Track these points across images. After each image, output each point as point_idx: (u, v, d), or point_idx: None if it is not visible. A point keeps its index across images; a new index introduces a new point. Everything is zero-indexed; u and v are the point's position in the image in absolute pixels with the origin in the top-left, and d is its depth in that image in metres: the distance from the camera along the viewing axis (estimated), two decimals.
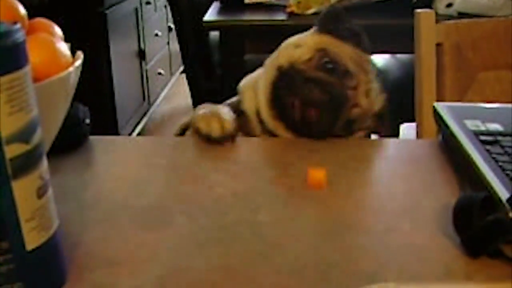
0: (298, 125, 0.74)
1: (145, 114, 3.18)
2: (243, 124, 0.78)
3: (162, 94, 3.59)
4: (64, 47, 0.57)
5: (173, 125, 3.31)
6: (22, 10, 0.56)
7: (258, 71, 0.83)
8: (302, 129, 0.74)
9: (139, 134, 3.03)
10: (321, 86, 0.72)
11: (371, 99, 0.76)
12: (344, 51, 0.76)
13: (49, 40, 0.56)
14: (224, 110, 0.75)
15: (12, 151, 0.40)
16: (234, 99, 0.84)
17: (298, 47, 0.77)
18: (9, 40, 0.39)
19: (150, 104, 3.27)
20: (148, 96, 3.23)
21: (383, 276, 0.47)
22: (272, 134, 0.77)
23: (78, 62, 0.57)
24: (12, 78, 0.39)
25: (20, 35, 0.40)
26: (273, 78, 0.76)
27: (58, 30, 0.62)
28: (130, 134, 2.87)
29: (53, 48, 0.55)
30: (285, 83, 0.74)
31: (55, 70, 0.53)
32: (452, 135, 0.68)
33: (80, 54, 0.59)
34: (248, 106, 0.79)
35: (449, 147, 0.71)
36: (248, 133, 0.79)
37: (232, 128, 0.73)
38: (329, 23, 0.79)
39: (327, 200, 0.60)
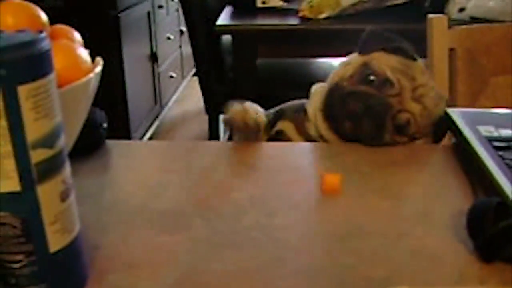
0: (346, 138, 0.78)
1: (157, 117, 3.19)
2: (302, 121, 0.83)
3: (174, 97, 3.61)
4: (84, 53, 0.58)
5: (185, 127, 3.33)
6: (44, 18, 0.57)
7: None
8: (352, 140, 0.77)
9: (151, 137, 3.04)
10: (357, 98, 0.76)
11: (426, 104, 0.77)
12: (386, 62, 0.78)
13: (71, 47, 0.57)
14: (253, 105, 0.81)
15: (37, 156, 0.41)
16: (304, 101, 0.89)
17: (348, 65, 0.82)
18: (36, 49, 0.40)
19: (162, 107, 3.29)
20: (160, 99, 3.24)
21: (396, 280, 0.48)
22: (323, 139, 0.81)
23: (98, 68, 0.58)
24: (38, 85, 0.40)
25: (45, 44, 0.41)
26: (324, 95, 0.81)
27: (77, 36, 0.63)
28: (142, 137, 2.88)
29: (74, 54, 0.57)
30: (330, 100, 0.79)
31: (76, 76, 0.55)
32: (465, 141, 0.69)
33: (99, 60, 0.60)
34: (311, 109, 0.83)
35: (463, 152, 0.71)
36: (304, 132, 0.83)
37: (254, 119, 0.77)
38: (369, 45, 0.82)
39: (341, 204, 0.61)
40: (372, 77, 0.77)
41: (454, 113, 0.76)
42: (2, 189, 0.40)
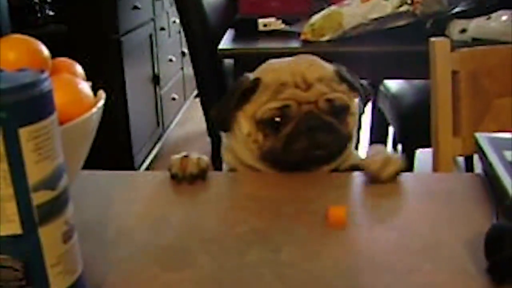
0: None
1: (159, 139, 3.19)
2: None
3: (176, 119, 3.60)
4: (86, 88, 0.58)
5: (188, 149, 3.31)
6: (45, 52, 0.57)
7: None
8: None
9: (153, 159, 3.04)
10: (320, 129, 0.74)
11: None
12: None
13: (72, 81, 0.57)
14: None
15: (39, 198, 0.40)
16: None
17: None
18: (37, 90, 0.39)
19: (164, 129, 3.29)
20: (162, 121, 3.24)
21: None
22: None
23: (101, 103, 0.57)
24: (39, 127, 0.39)
25: (47, 84, 0.40)
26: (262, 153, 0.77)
27: (79, 69, 0.63)
28: (144, 159, 2.87)
29: (76, 89, 0.56)
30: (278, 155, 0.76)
31: (78, 111, 0.54)
32: (490, 166, 0.68)
33: (102, 94, 0.60)
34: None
35: (488, 178, 0.70)
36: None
37: (197, 167, 0.73)
38: None
39: (348, 238, 0.60)
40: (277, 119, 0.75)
41: (482, 138, 0.75)
42: (3, 232, 0.40)
